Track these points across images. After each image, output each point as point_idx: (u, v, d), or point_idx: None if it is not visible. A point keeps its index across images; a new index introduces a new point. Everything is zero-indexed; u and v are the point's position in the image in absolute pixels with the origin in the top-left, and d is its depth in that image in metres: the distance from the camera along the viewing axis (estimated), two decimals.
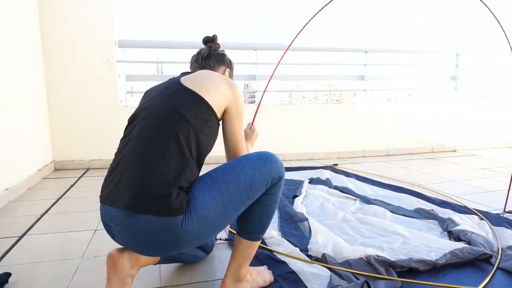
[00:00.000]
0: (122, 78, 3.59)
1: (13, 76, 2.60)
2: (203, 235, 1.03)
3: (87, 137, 3.43)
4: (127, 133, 1.10)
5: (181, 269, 1.41)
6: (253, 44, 4.00)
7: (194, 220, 0.98)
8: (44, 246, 1.64)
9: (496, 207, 2.14)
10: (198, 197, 1.00)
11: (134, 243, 1.02)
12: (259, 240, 1.18)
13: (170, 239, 0.98)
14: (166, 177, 0.97)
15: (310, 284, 1.24)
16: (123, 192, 0.99)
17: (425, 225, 1.86)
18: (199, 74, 1.20)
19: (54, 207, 2.24)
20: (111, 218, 1.02)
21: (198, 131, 1.06)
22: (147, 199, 0.96)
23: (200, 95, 1.09)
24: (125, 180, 1.00)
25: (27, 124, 2.82)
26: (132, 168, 1.01)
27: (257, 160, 1.10)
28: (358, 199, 2.30)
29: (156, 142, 1.02)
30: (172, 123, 1.03)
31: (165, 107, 1.07)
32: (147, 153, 1.01)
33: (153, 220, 0.96)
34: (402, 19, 53.32)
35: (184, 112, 1.05)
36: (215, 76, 1.19)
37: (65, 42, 3.28)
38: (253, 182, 1.07)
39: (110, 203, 1.02)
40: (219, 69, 1.38)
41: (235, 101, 1.18)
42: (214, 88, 1.13)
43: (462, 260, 1.39)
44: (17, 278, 1.33)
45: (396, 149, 4.34)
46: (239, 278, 1.20)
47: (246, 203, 1.09)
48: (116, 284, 1.13)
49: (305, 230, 1.78)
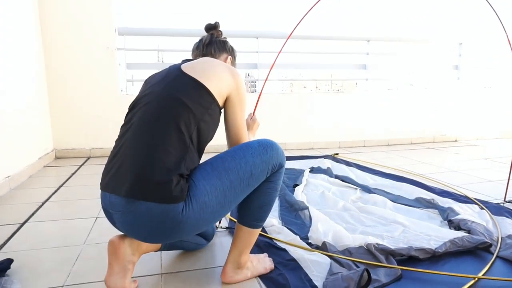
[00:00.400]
0: (123, 66, 3.57)
1: (13, 65, 2.58)
2: (204, 222, 1.04)
3: (88, 126, 3.42)
4: (128, 120, 1.10)
5: (182, 256, 1.42)
6: (254, 32, 3.96)
7: (194, 207, 0.99)
8: (45, 233, 1.65)
9: (497, 196, 2.14)
10: (199, 184, 1.01)
11: (134, 230, 1.03)
12: (260, 227, 1.19)
13: (170, 226, 0.98)
14: (166, 164, 0.97)
15: (310, 271, 1.25)
16: (124, 179, 0.99)
17: (425, 214, 1.87)
18: (200, 61, 1.18)
19: (55, 194, 2.25)
20: (112, 205, 1.02)
21: (199, 118, 1.05)
22: (147, 186, 0.96)
23: (201, 82, 1.08)
24: (126, 167, 1.00)
25: (28, 112, 2.81)
26: (132, 156, 1.00)
27: (258, 147, 1.10)
28: (358, 188, 2.31)
29: (156, 129, 1.01)
30: (172, 110, 1.03)
31: (165, 94, 1.06)
32: (147, 141, 1.00)
33: (154, 207, 0.96)
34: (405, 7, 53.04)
35: (185, 99, 1.04)
36: (216, 63, 1.17)
37: (65, 29, 3.25)
38: (253, 170, 1.07)
39: (111, 190, 1.02)
40: (220, 56, 1.35)
41: (237, 89, 1.16)
42: (216, 75, 1.12)
43: (462, 248, 1.39)
44: (19, 264, 1.34)
45: (397, 138, 4.33)
46: (240, 265, 1.21)
47: (247, 191, 1.09)
48: (117, 270, 1.14)
49: (305, 218, 1.78)
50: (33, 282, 1.23)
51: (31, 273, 1.28)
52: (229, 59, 1.37)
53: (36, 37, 3.09)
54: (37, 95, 3.05)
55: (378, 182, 2.48)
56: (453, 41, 4.58)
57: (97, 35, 3.33)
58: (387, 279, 1.19)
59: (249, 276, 1.24)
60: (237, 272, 1.21)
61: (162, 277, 1.26)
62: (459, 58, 4.62)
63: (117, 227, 1.09)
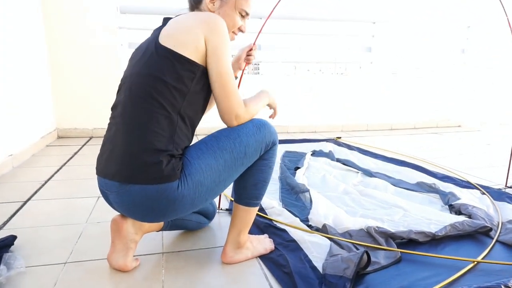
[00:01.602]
0: (125, 46, 3.53)
1: (16, 45, 2.55)
2: (199, 200, 1.05)
3: (90, 106, 3.41)
4: (115, 104, 1.08)
5: (183, 236, 1.43)
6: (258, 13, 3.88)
7: (189, 185, 1.00)
8: (48, 211, 1.66)
9: (498, 182, 2.13)
10: (194, 163, 1.01)
11: (130, 210, 1.04)
12: (256, 206, 1.20)
13: (166, 204, 0.99)
14: (155, 146, 0.97)
15: (310, 252, 1.26)
16: (114, 164, 1.00)
17: (426, 198, 1.87)
18: (172, 23, 1.05)
19: (58, 174, 2.26)
20: (107, 186, 1.04)
21: (185, 92, 1.02)
22: (138, 170, 0.97)
23: (176, 52, 0.99)
24: (116, 152, 1.01)
25: (30, 91, 2.79)
26: (120, 141, 1.00)
27: (252, 127, 1.10)
28: (360, 172, 2.30)
29: (140, 112, 0.99)
30: (154, 90, 0.99)
31: (145, 75, 1.01)
32: (134, 124, 0.99)
33: (148, 188, 0.97)
34: None
35: (166, 77, 0.99)
36: (189, 20, 1.04)
37: (66, 7, 3.19)
38: (247, 149, 1.07)
39: (104, 175, 1.03)
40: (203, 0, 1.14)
41: (210, 35, 1.02)
42: (189, 35, 1.01)
43: (462, 232, 1.40)
44: (22, 241, 1.36)
45: (400, 123, 4.30)
46: (239, 245, 1.22)
47: (241, 170, 1.10)
48: (119, 248, 1.15)
49: (306, 201, 1.79)
50: (36, 258, 1.24)
51: (34, 250, 1.30)
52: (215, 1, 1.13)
53: (38, 16, 3.05)
54: (39, 75, 3.03)
55: (379, 166, 2.47)
56: (460, 24, 4.49)
57: (98, 13, 3.28)
58: (386, 261, 1.20)
59: (250, 257, 1.25)
60: (237, 252, 1.23)
61: (163, 256, 1.28)
62: (466, 42, 4.54)
63: (114, 207, 1.10)
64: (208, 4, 1.13)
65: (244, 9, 1.15)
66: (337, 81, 4.10)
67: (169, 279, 1.14)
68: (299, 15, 3.97)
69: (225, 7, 1.14)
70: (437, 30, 4.51)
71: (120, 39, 3.41)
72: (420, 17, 4.31)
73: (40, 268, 1.19)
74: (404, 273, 1.15)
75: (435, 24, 4.43)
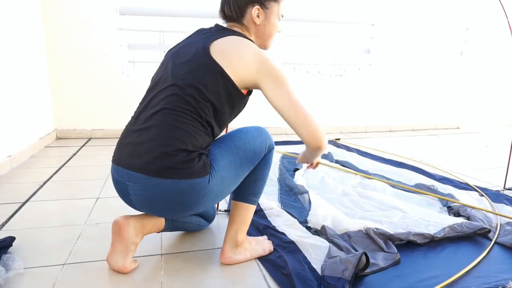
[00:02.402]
0: (124, 47, 3.53)
1: (14, 46, 2.55)
2: (220, 195, 1.12)
3: (89, 107, 3.41)
4: (149, 99, 1.09)
5: (182, 237, 1.43)
6: None
7: (216, 180, 1.07)
8: (47, 213, 1.66)
9: (497, 184, 2.14)
10: (219, 159, 1.09)
11: (153, 203, 1.04)
12: (254, 204, 1.23)
13: (194, 198, 1.04)
14: (188, 146, 1.02)
15: (309, 254, 1.26)
16: (144, 158, 1.01)
17: (425, 200, 1.87)
18: (227, 42, 1.09)
19: (57, 175, 2.25)
20: (130, 178, 1.04)
21: (218, 109, 1.08)
22: (170, 166, 1.00)
23: (226, 73, 1.05)
24: (147, 147, 1.02)
25: (29, 92, 2.79)
26: (154, 137, 1.02)
27: (254, 131, 1.19)
28: (359, 174, 2.31)
29: (179, 116, 1.03)
30: (193, 99, 1.04)
31: (189, 84, 1.05)
32: (170, 125, 1.02)
33: (180, 183, 1.00)
34: None
35: (207, 92, 1.04)
36: (242, 47, 1.08)
37: (65, 8, 3.20)
38: (255, 149, 1.16)
39: (127, 167, 1.03)
40: (246, 12, 1.16)
41: (263, 71, 1.06)
42: (241, 64, 1.06)
43: (461, 234, 1.40)
44: (21, 242, 1.35)
45: (399, 125, 4.31)
46: (237, 243, 1.23)
47: (250, 168, 1.17)
48: (120, 250, 1.15)
49: (305, 202, 1.79)
50: (34, 259, 1.24)
51: (33, 251, 1.30)
52: (256, 10, 1.15)
53: (36, 16, 3.05)
54: (38, 75, 3.03)
55: (378, 167, 2.48)
56: (459, 26, 4.50)
57: (98, 14, 3.28)
58: (385, 263, 1.20)
59: (248, 258, 1.25)
60: (235, 252, 1.23)
61: (162, 257, 1.28)
62: (465, 44, 4.55)
63: (128, 200, 1.11)
64: (255, 18, 1.16)
65: (283, 13, 1.22)
66: (336, 83, 4.10)
67: (168, 280, 1.13)
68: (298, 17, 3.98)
69: (270, 17, 1.18)
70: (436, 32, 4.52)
71: (119, 40, 3.42)
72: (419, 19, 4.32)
73: (39, 270, 1.19)
74: (403, 275, 1.15)
75: (433, 26, 4.44)
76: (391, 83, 4.26)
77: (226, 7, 1.18)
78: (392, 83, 4.27)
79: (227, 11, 1.18)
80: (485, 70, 4.60)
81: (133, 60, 3.68)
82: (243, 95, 1.12)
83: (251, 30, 1.20)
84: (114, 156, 1.10)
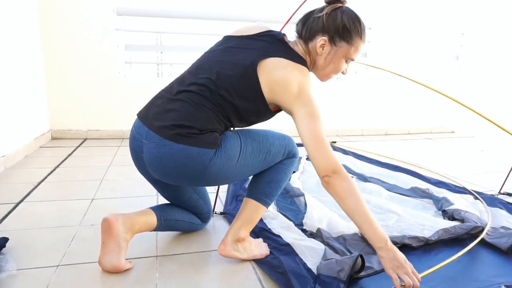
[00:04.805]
0: (121, 48, 3.52)
1: (10, 45, 2.54)
2: (221, 175, 1.14)
3: (84, 107, 3.40)
4: (187, 78, 1.16)
5: (178, 239, 1.42)
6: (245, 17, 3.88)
7: (221, 157, 1.11)
8: (41, 213, 1.65)
9: (491, 188, 2.15)
10: (230, 140, 1.14)
11: (163, 161, 1.10)
12: (265, 205, 1.25)
13: (198, 167, 1.09)
14: (203, 126, 1.10)
15: (305, 256, 1.25)
16: (165, 122, 1.10)
17: (420, 204, 1.88)
18: (278, 64, 1.10)
19: (51, 175, 2.24)
20: (148, 135, 1.12)
21: (242, 115, 1.16)
22: (186, 135, 1.08)
23: (262, 92, 1.10)
24: (171, 116, 1.10)
25: (24, 92, 2.78)
26: (180, 109, 1.10)
27: (279, 134, 1.26)
28: (354, 177, 2.31)
29: (205, 101, 1.10)
30: (222, 98, 1.11)
31: (224, 86, 1.10)
32: (199, 106, 1.10)
33: (190, 149, 1.08)
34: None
35: (237, 99, 1.11)
36: (288, 73, 1.09)
37: (62, 8, 3.19)
38: (271, 148, 1.21)
39: (149, 126, 1.12)
40: (314, 38, 1.15)
41: (301, 102, 1.08)
42: (280, 88, 1.08)
43: (454, 235, 1.41)
44: (14, 243, 1.34)
45: (394, 128, 4.33)
46: (238, 239, 1.24)
47: (262, 165, 1.21)
48: (112, 248, 1.15)
49: (300, 205, 1.79)
50: (28, 261, 1.23)
51: (26, 252, 1.29)
52: (322, 41, 1.13)
53: (33, 16, 3.03)
54: (33, 75, 3.02)
55: (374, 170, 2.48)
56: (455, 31, 4.54)
57: (95, 14, 3.28)
58: (380, 266, 1.20)
59: (245, 257, 1.26)
60: (234, 248, 1.24)
61: (157, 259, 1.27)
62: (461, 49, 4.59)
63: (138, 157, 1.18)
64: (318, 48, 1.15)
65: (353, 58, 1.17)
66: (332, 86, 4.11)
67: (163, 283, 1.13)
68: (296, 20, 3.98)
69: (334, 55, 1.16)
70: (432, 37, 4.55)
71: (116, 41, 3.41)
72: (415, 24, 4.35)
73: (32, 271, 1.18)
74: None
75: (429, 30, 4.47)
76: (387, 87, 4.28)
77: (301, 24, 1.19)
78: (388, 86, 4.29)
79: (299, 27, 1.19)
80: (481, 75, 4.63)
81: (130, 61, 3.67)
82: (271, 112, 1.19)
83: (313, 57, 1.19)
84: (141, 111, 1.19)
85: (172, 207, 1.37)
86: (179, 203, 1.39)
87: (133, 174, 2.28)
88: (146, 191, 1.97)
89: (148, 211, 1.28)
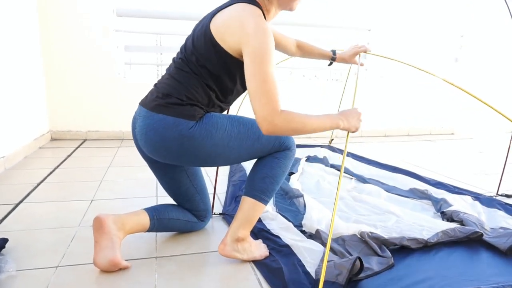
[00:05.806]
0: (121, 49, 3.52)
1: (10, 45, 2.54)
2: (203, 153, 1.17)
3: (84, 108, 3.40)
4: (173, 62, 1.25)
5: (177, 240, 1.42)
6: None
7: (201, 130, 1.14)
8: (41, 214, 1.65)
9: (490, 189, 2.16)
10: (213, 118, 1.17)
11: (146, 134, 1.18)
12: (262, 202, 1.23)
13: (176, 136, 1.13)
14: (181, 96, 1.16)
15: (304, 257, 1.26)
16: (153, 98, 1.20)
17: (419, 205, 1.88)
18: (226, 11, 1.11)
19: (51, 176, 2.24)
20: (140, 112, 1.23)
21: (215, 75, 1.17)
22: (166, 105, 1.15)
23: (216, 41, 1.11)
24: (158, 91, 1.21)
25: (24, 92, 2.78)
26: (165, 84, 1.20)
27: None
28: (353, 178, 2.32)
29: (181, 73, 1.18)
30: (192, 64, 1.17)
31: (190, 51, 1.18)
32: (173, 79, 1.19)
33: (167, 118, 1.14)
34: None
35: (201, 59, 1.15)
36: (233, 15, 1.08)
37: (62, 9, 3.19)
38: (261, 134, 1.20)
39: (143, 104, 1.23)
40: None
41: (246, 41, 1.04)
42: (227, 30, 1.09)
43: (454, 238, 1.41)
44: (14, 244, 1.34)
45: (394, 130, 4.34)
46: (238, 239, 1.24)
47: (250, 152, 1.22)
48: (105, 244, 1.15)
49: (299, 206, 1.79)
50: (27, 261, 1.23)
51: (26, 253, 1.29)
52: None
53: (33, 17, 3.04)
54: (33, 76, 3.02)
55: (373, 172, 2.49)
56: (454, 33, 4.55)
57: (95, 15, 3.28)
58: (379, 267, 1.20)
59: (245, 258, 1.26)
60: (234, 248, 1.24)
61: (156, 260, 1.27)
62: (460, 51, 4.60)
63: (135, 133, 1.25)
64: None
65: None
66: (332, 87, 4.12)
67: (162, 284, 1.13)
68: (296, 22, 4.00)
69: None
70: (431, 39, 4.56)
71: (116, 42, 3.41)
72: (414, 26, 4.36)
73: (32, 272, 1.18)
74: (397, 278, 1.16)
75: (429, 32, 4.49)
76: (386, 88, 4.28)
77: None
78: (388, 88, 4.30)
79: None
80: (480, 76, 4.64)
81: (130, 62, 3.68)
82: (239, 62, 1.12)
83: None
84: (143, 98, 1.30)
85: (166, 207, 1.38)
86: (176, 196, 1.40)
87: (133, 175, 2.28)
88: (146, 192, 1.98)
89: (140, 211, 1.30)
